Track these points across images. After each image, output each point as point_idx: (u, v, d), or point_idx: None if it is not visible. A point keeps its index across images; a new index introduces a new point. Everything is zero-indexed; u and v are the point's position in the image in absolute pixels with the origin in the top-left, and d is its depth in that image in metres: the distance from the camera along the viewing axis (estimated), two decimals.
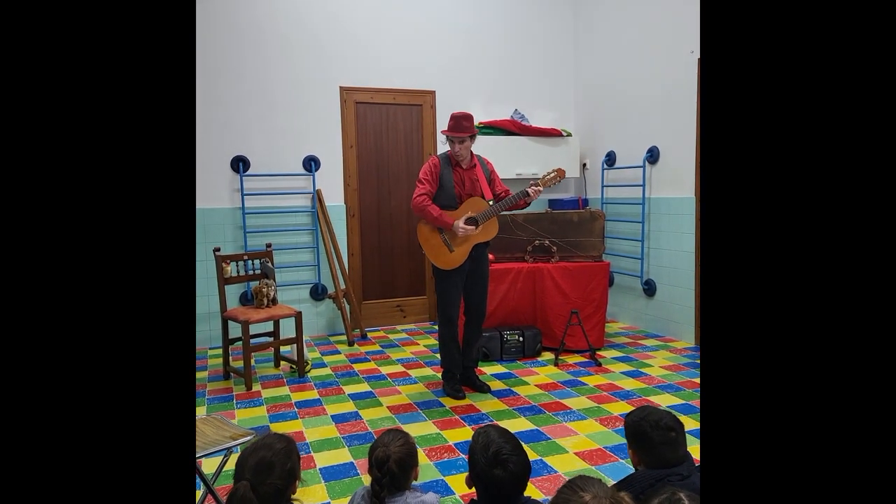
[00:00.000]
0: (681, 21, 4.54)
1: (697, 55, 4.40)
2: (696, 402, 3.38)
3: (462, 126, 3.37)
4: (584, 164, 5.70)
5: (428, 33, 5.27)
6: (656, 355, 4.34)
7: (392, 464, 1.58)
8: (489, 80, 5.51)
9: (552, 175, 3.46)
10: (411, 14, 5.21)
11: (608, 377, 3.89)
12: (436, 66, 5.31)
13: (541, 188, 3.40)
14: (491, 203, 3.42)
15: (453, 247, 3.41)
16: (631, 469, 2.57)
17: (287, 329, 4.30)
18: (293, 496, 1.53)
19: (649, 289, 4.99)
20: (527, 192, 3.39)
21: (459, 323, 3.62)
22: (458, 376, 3.64)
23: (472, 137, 3.43)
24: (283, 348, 4.23)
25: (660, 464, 1.56)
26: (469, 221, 3.39)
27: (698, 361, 4.18)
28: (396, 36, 5.18)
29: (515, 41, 5.57)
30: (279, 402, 3.54)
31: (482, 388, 3.65)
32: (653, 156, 4.87)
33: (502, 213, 3.49)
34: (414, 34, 5.23)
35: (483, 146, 5.09)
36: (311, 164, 4.99)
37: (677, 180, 4.67)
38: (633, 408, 3.26)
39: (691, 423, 3.06)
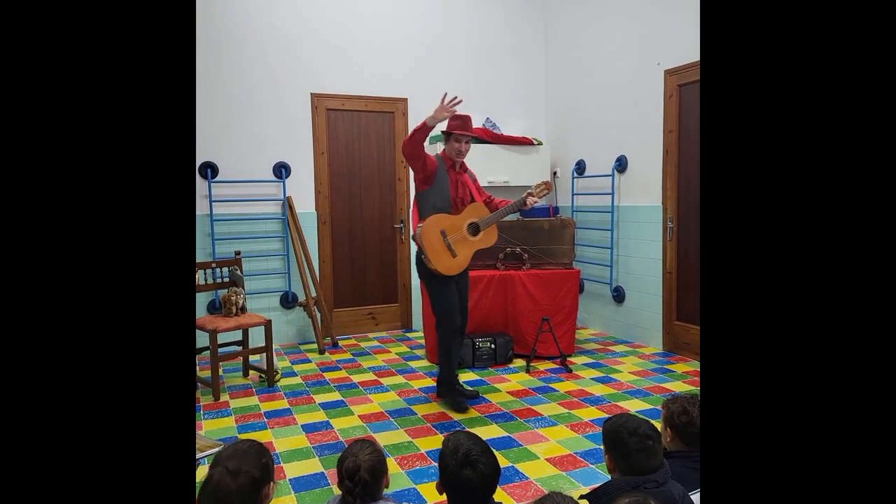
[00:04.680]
0: (648, 34, 4.65)
1: (664, 67, 4.51)
2: None
3: (469, 125, 3.45)
4: (555, 173, 5.77)
5: (400, 41, 5.29)
6: (625, 361, 4.41)
7: (364, 472, 1.57)
8: (461, 89, 5.50)
9: (541, 187, 3.54)
10: (383, 21, 5.22)
11: (579, 383, 3.93)
12: (408, 73, 5.33)
13: (536, 199, 3.48)
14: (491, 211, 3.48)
15: (455, 251, 3.40)
16: (602, 474, 2.60)
17: (256, 338, 4.23)
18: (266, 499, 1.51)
19: (618, 295, 5.06)
20: (524, 200, 3.46)
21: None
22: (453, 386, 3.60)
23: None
24: (252, 357, 4.16)
25: (635, 471, 1.58)
26: (471, 227, 3.44)
27: (666, 367, 4.25)
28: (368, 43, 5.18)
29: (487, 50, 5.62)
30: (248, 413, 3.47)
31: (463, 394, 3.60)
32: (621, 165, 4.96)
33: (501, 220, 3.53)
34: (386, 41, 5.24)
35: None
36: (281, 170, 4.93)
37: (645, 189, 4.77)
38: (603, 413, 3.32)
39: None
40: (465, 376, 4.10)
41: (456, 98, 3.23)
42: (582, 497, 1.66)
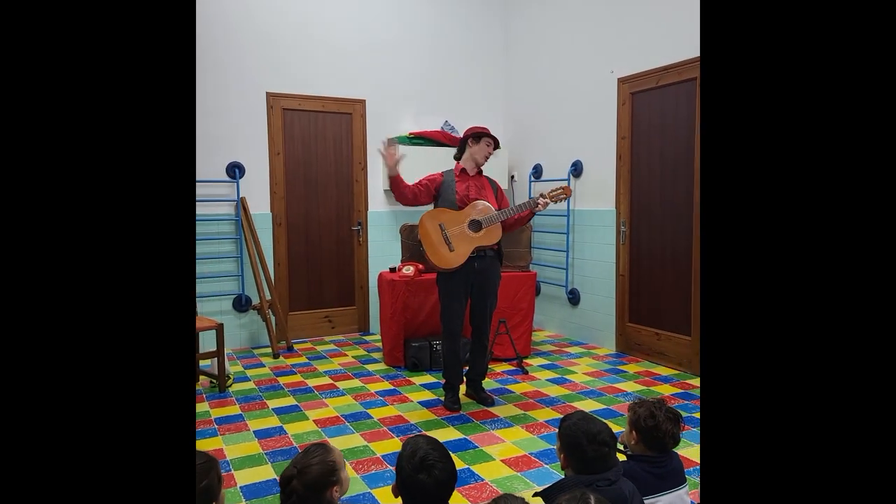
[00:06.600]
0: (602, 43, 4.76)
1: (617, 75, 4.62)
2: (617, 407, 3.51)
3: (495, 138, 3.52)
4: (513, 176, 5.83)
5: (359, 42, 5.25)
6: (580, 362, 4.48)
7: (296, 484, 1.48)
8: (420, 92, 5.54)
9: (558, 191, 3.38)
10: (342, 22, 5.17)
11: (534, 384, 3.97)
12: (367, 75, 5.29)
13: (549, 201, 3.34)
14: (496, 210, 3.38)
15: (453, 245, 3.31)
16: (556, 474, 2.63)
17: (207, 342, 4.11)
18: None
19: (573, 298, 5.15)
20: (536, 202, 3.33)
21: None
22: (459, 388, 3.59)
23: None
24: (202, 362, 4.03)
25: (588, 472, 1.61)
26: (473, 224, 3.35)
27: (619, 367, 4.35)
28: (326, 43, 5.12)
29: (447, 54, 5.64)
30: (198, 419, 3.36)
31: (484, 401, 3.59)
32: (577, 169, 5.05)
33: (503, 221, 3.39)
34: (345, 42, 5.19)
35: (414, 157, 5.10)
36: (235, 170, 4.82)
37: (599, 193, 4.87)
38: (558, 414, 3.36)
39: (613, 427, 3.16)
40: (422, 379, 4.09)
41: (389, 145, 3.26)
42: (535, 495, 1.68)
